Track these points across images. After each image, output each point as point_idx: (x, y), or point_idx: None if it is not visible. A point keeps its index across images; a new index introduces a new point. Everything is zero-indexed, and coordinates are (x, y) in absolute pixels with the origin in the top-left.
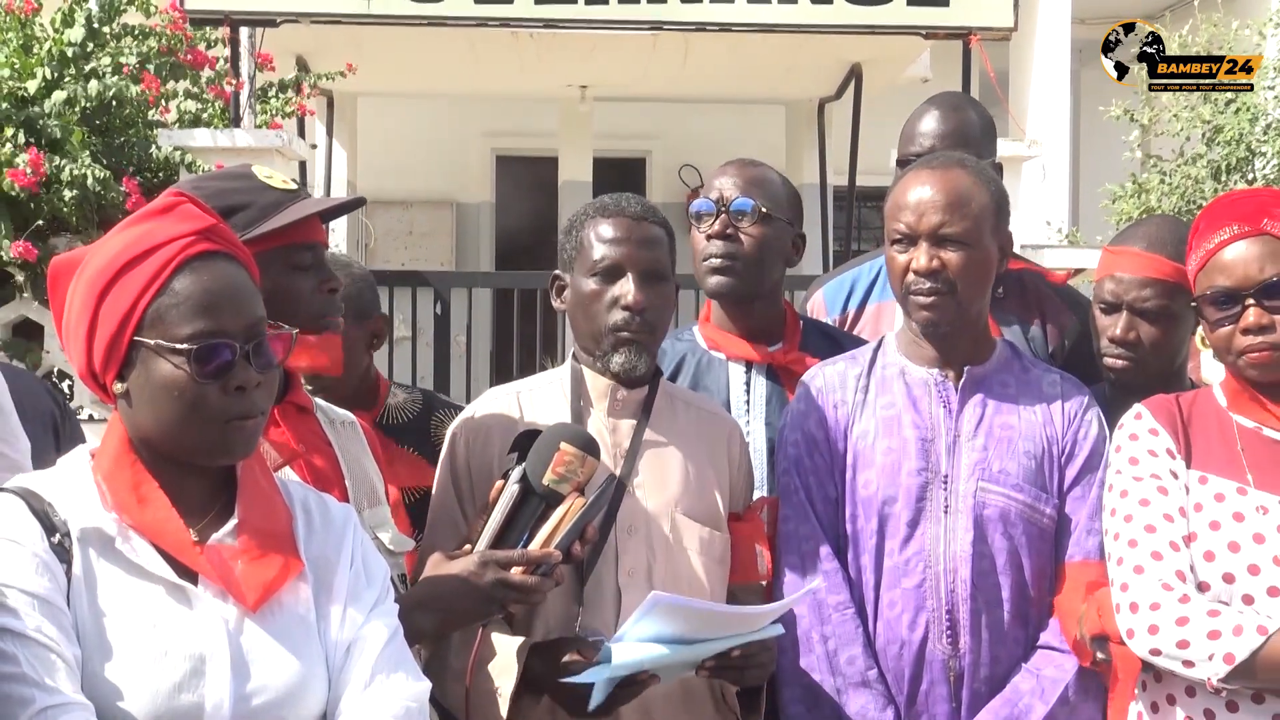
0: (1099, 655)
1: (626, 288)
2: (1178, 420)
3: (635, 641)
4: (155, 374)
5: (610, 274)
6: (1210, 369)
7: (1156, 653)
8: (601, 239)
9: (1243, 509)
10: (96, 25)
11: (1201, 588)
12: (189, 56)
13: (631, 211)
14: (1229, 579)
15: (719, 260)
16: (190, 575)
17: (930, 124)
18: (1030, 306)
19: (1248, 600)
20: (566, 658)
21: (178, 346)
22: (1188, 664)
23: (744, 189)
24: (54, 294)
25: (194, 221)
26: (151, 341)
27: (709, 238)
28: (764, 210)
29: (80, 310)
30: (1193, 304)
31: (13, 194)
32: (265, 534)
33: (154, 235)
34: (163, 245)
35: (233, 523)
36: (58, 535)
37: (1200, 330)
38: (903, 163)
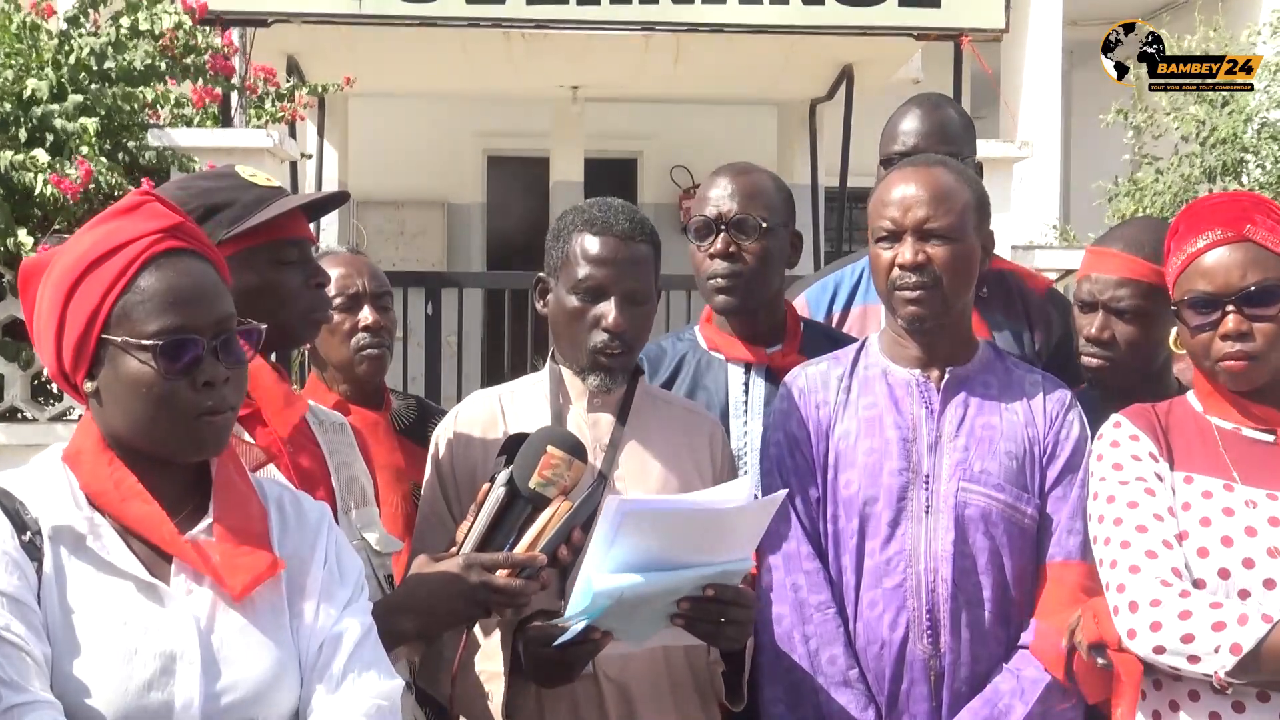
0: (1100, 662)
1: (608, 309)
2: (1157, 426)
3: (611, 572)
4: (124, 371)
5: (594, 294)
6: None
7: (1160, 650)
8: (587, 257)
9: (1231, 504)
10: (124, 36)
11: (1197, 584)
12: (210, 62)
13: (620, 229)
14: (1224, 574)
15: (724, 280)
16: (162, 573)
17: (912, 123)
18: (1014, 305)
19: (1244, 595)
20: (540, 624)
21: (144, 343)
22: (1193, 659)
23: (742, 203)
24: (24, 295)
25: (160, 219)
26: (118, 339)
27: (711, 256)
28: (764, 225)
29: (49, 310)
30: (1173, 307)
31: (40, 198)
32: (240, 532)
33: (120, 233)
34: (128, 243)
35: (207, 521)
36: (29, 533)
37: (1174, 333)
38: (886, 162)
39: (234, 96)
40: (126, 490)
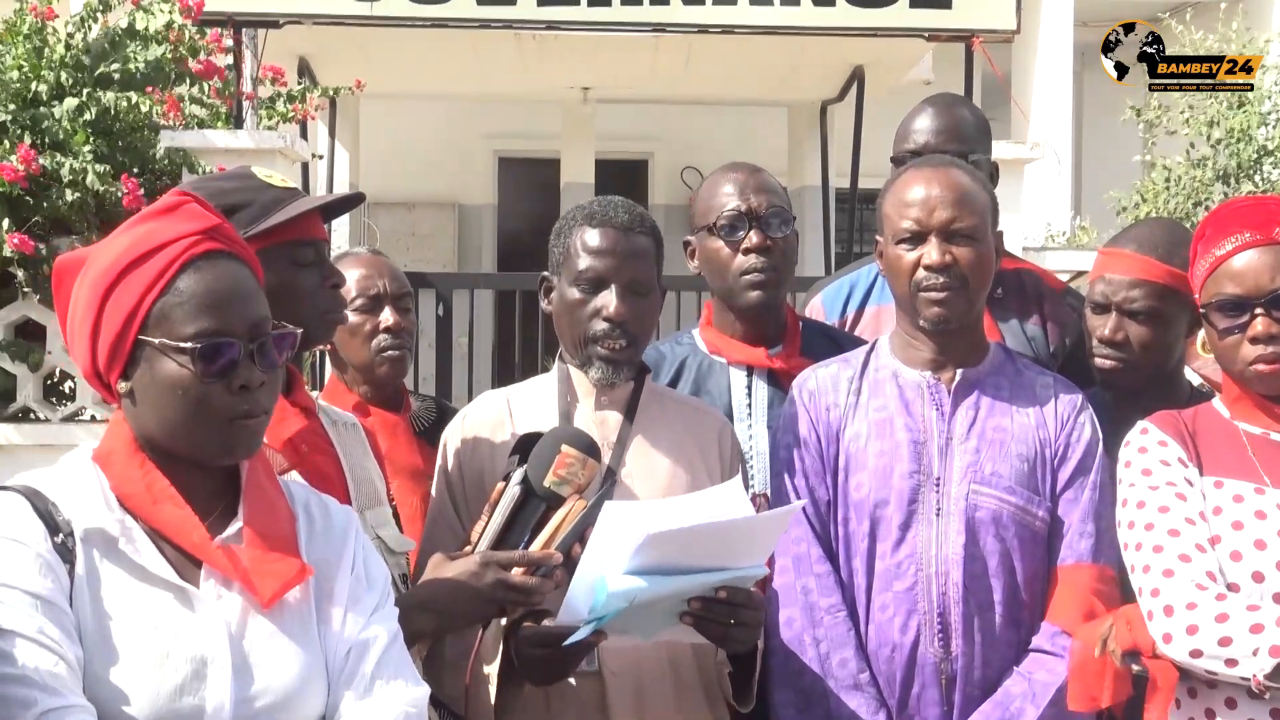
0: (1135, 669)
1: (608, 299)
2: (1184, 431)
3: (625, 574)
4: (160, 373)
5: (594, 285)
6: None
7: (1197, 654)
8: (587, 249)
9: (1264, 507)
10: (119, 36)
11: (1231, 589)
12: (200, 66)
13: (619, 221)
14: (1258, 577)
15: (762, 275)
16: (192, 577)
17: (925, 121)
18: (1029, 305)
19: (1278, 599)
20: (533, 625)
21: (182, 345)
22: (1230, 662)
23: (769, 198)
24: (58, 293)
25: (198, 221)
26: (156, 340)
27: (747, 251)
28: (794, 218)
29: (85, 309)
30: (1201, 310)
31: (5, 191)
32: (270, 536)
33: (158, 234)
34: (167, 244)
35: (238, 525)
36: (61, 535)
37: (1202, 335)
38: (898, 161)
39: (244, 97)
40: (158, 493)
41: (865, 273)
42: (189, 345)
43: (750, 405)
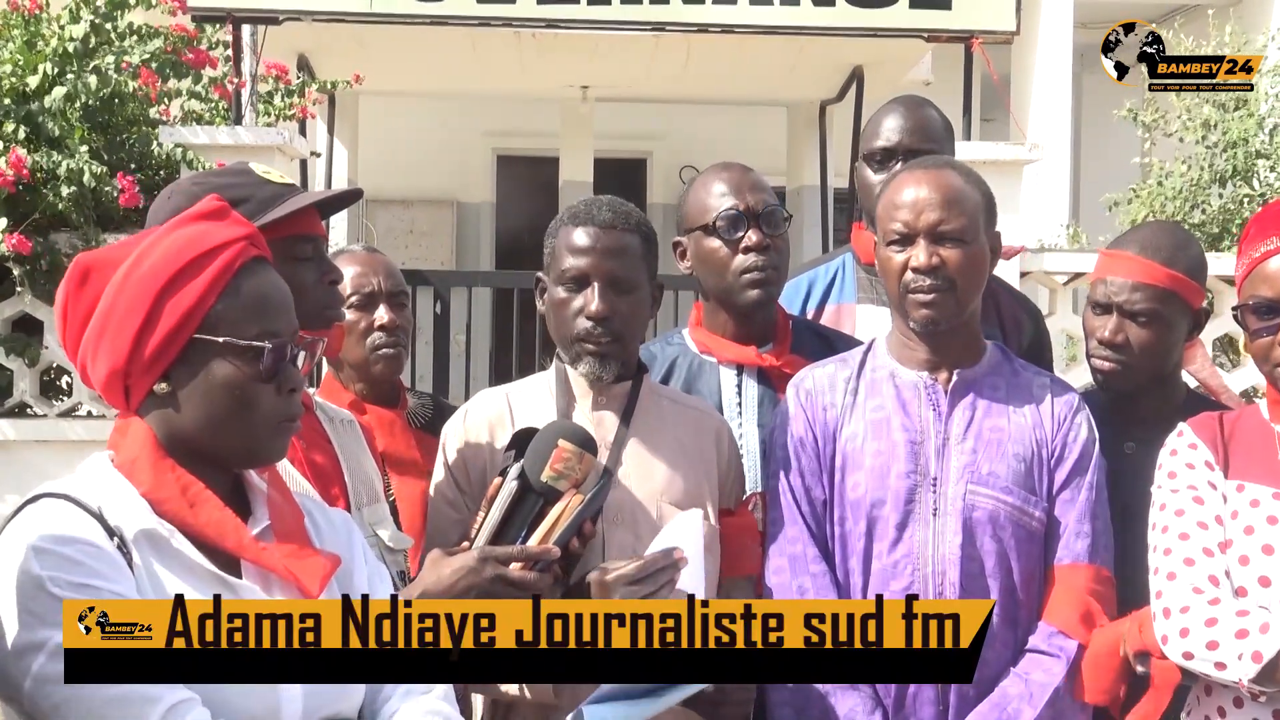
0: (1139, 669)
1: (590, 297)
2: (1218, 435)
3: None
4: (215, 372)
5: (577, 283)
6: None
7: (1189, 656)
8: (570, 247)
9: (1277, 512)
10: (99, 21)
11: (1239, 593)
12: (190, 55)
13: (601, 219)
14: (1265, 583)
15: (762, 273)
16: (233, 570)
17: (895, 120)
18: (986, 306)
19: None
20: None
21: (253, 344)
22: (1219, 665)
23: (764, 197)
24: (80, 291)
25: (244, 227)
26: (221, 339)
27: (746, 250)
28: (789, 216)
29: (129, 307)
30: (1235, 311)
31: None
32: (293, 534)
33: (213, 236)
34: (224, 246)
35: (264, 524)
36: (115, 538)
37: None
38: (867, 158)
39: (243, 94)
40: (194, 496)
41: (824, 270)
42: (259, 344)
43: (740, 404)
